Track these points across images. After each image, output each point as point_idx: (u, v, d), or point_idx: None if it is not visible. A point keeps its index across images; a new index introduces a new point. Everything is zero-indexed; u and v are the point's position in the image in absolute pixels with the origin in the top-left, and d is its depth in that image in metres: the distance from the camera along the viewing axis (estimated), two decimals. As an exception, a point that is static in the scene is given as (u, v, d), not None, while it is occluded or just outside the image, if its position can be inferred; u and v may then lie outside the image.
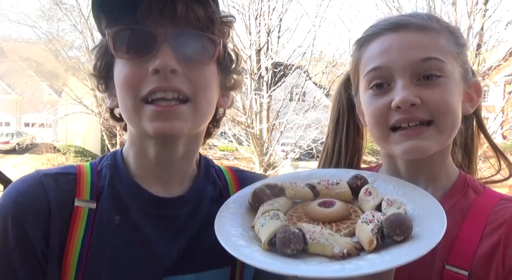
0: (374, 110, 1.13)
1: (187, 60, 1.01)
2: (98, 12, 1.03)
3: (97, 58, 1.10)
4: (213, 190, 1.20)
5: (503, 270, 1.01)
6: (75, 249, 1.00)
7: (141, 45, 1.00)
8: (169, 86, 0.99)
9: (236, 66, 1.19)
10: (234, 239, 0.94)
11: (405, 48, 1.09)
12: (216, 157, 16.50)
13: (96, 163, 1.15)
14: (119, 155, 1.16)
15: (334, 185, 1.11)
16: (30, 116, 29.21)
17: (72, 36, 23.14)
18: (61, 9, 20.84)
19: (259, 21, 14.18)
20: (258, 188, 1.09)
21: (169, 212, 1.11)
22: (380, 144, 1.18)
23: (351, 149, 1.38)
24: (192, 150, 1.15)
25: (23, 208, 0.99)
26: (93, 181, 1.09)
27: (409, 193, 1.06)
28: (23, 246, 0.98)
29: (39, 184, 1.03)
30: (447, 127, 1.09)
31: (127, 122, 1.09)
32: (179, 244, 1.08)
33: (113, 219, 1.05)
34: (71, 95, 22.64)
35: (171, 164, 1.12)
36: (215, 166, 1.27)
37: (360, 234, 0.91)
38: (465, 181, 1.19)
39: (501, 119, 12.52)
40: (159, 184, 1.12)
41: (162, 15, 0.98)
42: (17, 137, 28.14)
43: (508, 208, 1.08)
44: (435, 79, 1.08)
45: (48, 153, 23.80)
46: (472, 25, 12.27)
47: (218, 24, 1.05)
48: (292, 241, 0.88)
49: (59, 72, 24.04)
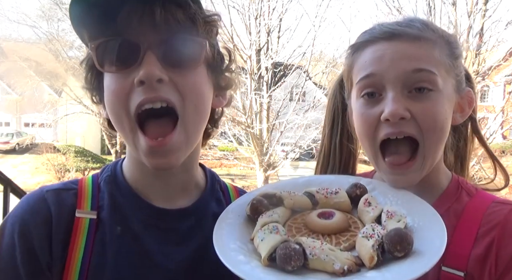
0: (364, 121, 1.14)
1: (173, 66, 0.99)
2: (78, 26, 1.01)
3: (86, 71, 1.09)
4: (217, 206, 1.19)
5: (496, 271, 1.03)
6: (77, 259, 1.00)
7: (124, 55, 0.98)
8: (156, 97, 0.97)
9: (229, 64, 1.16)
10: (233, 254, 0.93)
11: (397, 58, 1.09)
12: (216, 157, 16.53)
13: (97, 175, 1.16)
14: (119, 166, 1.16)
15: (333, 194, 1.10)
16: (30, 116, 29.22)
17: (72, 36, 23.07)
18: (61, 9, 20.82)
19: (259, 21, 14.18)
20: (256, 200, 1.08)
21: (170, 224, 1.10)
22: (368, 156, 1.19)
23: (346, 151, 1.38)
24: (192, 160, 1.15)
25: (29, 224, 1.01)
26: (94, 193, 1.09)
27: (408, 203, 1.06)
28: (30, 261, 0.99)
29: (42, 200, 1.04)
30: (433, 145, 1.10)
31: (123, 140, 1.08)
32: (181, 256, 1.08)
33: (114, 229, 1.05)
34: (71, 95, 22.64)
35: (171, 176, 1.12)
36: (220, 181, 1.27)
37: (361, 249, 0.91)
38: (458, 184, 1.20)
39: (501, 119, 12.51)
40: (160, 195, 1.12)
41: (142, 22, 0.96)
42: (17, 137, 28.15)
43: (500, 210, 1.10)
44: (426, 93, 1.08)
45: (48, 153, 23.80)
46: (472, 25, 12.27)
47: (201, 25, 1.02)
48: (292, 258, 0.87)
49: (59, 72, 24.04)
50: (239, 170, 22.56)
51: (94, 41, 1.00)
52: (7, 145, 27.22)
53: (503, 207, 1.10)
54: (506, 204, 1.12)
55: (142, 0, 0.95)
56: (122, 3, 0.95)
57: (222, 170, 22.55)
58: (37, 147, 27.31)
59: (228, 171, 22.83)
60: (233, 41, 13.08)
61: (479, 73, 11.95)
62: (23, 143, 28.38)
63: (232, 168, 22.45)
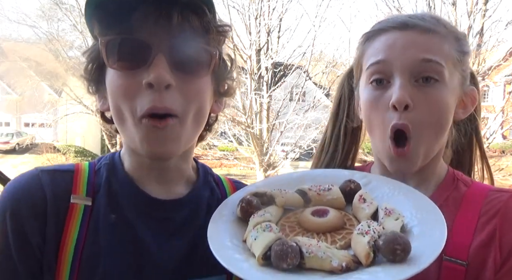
0: (372, 106, 1.16)
1: (181, 72, 1.00)
2: (91, 17, 1.00)
3: (88, 61, 1.08)
4: (211, 196, 1.20)
5: (501, 257, 1.04)
6: (70, 246, 0.99)
7: (135, 55, 0.98)
8: (162, 108, 0.98)
9: (230, 72, 1.17)
10: (230, 253, 0.91)
11: (408, 46, 1.12)
12: (216, 157, 16.52)
13: (94, 163, 1.16)
14: (117, 155, 1.17)
15: (326, 191, 1.07)
16: (30, 116, 29.21)
17: (72, 36, 23.09)
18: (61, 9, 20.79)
19: (259, 21, 14.18)
20: (245, 201, 1.04)
21: (164, 213, 1.10)
22: (373, 140, 1.21)
23: (349, 138, 1.39)
24: (188, 150, 1.15)
25: (20, 203, 1.00)
26: (90, 179, 1.09)
27: (405, 194, 1.05)
28: (21, 241, 0.98)
29: (36, 180, 1.03)
30: (433, 135, 1.12)
31: (121, 134, 1.08)
32: (175, 247, 1.08)
33: (109, 217, 1.04)
34: (71, 95, 22.58)
35: (166, 168, 1.13)
36: (213, 174, 1.27)
37: (356, 247, 0.88)
38: (454, 176, 1.23)
39: (501, 119, 12.50)
40: (156, 185, 1.13)
41: (157, 24, 0.96)
42: (17, 137, 28.13)
43: (499, 198, 1.12)
44: (432, 83, 1.10)
45: (48, 153, 23.82)
46: (472, 25, 12.26)
47: (214, 34, 1.03)
48: (289, 255, 0.84)
49: (59, 72, 24.00)
50: (239, 170, 22.55)
51: (105, 37, 0.99)
52: (7, 145, 27.20)
53: (502, 194, 1.13)
54: (504, 192, 1.14)
55: (160, 3, 0.95)
56: (140, 3, 0.96)
57: (222, 170, 22.54)
58: (37, 147, 27.29)
59: (228, 171, 22.83)
60: (233, 41, 13.08)
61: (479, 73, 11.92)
62: (23, 143, 28.36)
63: (232, 168, 22.45)
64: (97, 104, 1.13)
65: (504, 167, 11.38)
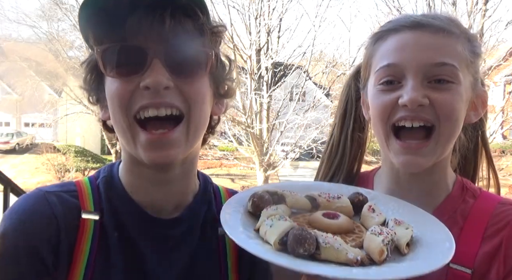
0: (379, 105, 1.14)
1: (179, 75, 1.00)
2: (85, 27, 1.01)
3: (86, 72, 1.09)
4: (209, 210, 1.19)
5: (504, 269, 1.05)
6: (82, 262, 1.00)
7: (131, 62, 0.98)
8: (162, 102, 0.98)
9: (229, 73, 1.17)
10: (245, 237, 0.91)
11: (420, 48, 1.09)
12: (216, 157, 16.54)
13: (94, 177, 1.15)
14: (115, 168, 1.16)
15: (335, 199, 1.09)
16: (30, 116, 29.25)
17: (72, 36, 23.10)
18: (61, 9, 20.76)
19: (259, 21, 14.19)
20: (257, 196, 1.05)
21: (164, 231, 1.10)
22: (380, 141, 1.19)
23: (356, 142, 1.38)
24: (190, 168, 1.15)
25: (32, 224, 0.99)
26: (94, 194, 1.09)
27: (409, 212, 1.07)
28: (35, 260, 0.98)
29: (43, 200, 1.03)
30: (447, 133, 1.10)
31: (121, 140, 1.08)
32: (175, 264, 1.08)
33: (113, 234, 1.05)
34: (71, 95, 22.60)
35: (168, 185, 1.11)
36: (213, 184, 1.27)
37: (370, 245, 0.89)
38: (462, 185, 1.21)
39: (501, 119, 12.51)
40: (155, 203, 1.11)
41: (151, 29, 0.96)
42: (17, 137, 28.16)
43: (508, 211, 1.12)
44: (445, 84, 1.08)
45: (48, 153, 23.81)
46: (472, 25, 12.26)
47: (209, 35, 1.04)
48: (307, 241, 0.84)
49: (59, 72, 24.03)
50: (239, 170, 22.56)
51: (101, 46, 1.00)
52: (7, 145, 27.24)
53: (510, 208, 1.13)
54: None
55: (152, 8, 0.96)
56: (133, 9, 0.96)
57: (222, 170, 22.56)
58: (37, 147, 27.32)
59: (228, 171, 22.83)
60: (233, 41, 13.08)
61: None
62: (23, 143, 28.38)
63: (232, 168, 22.44)
64: (99, 113, 1.13)
65: (504, 167, 11.39)
